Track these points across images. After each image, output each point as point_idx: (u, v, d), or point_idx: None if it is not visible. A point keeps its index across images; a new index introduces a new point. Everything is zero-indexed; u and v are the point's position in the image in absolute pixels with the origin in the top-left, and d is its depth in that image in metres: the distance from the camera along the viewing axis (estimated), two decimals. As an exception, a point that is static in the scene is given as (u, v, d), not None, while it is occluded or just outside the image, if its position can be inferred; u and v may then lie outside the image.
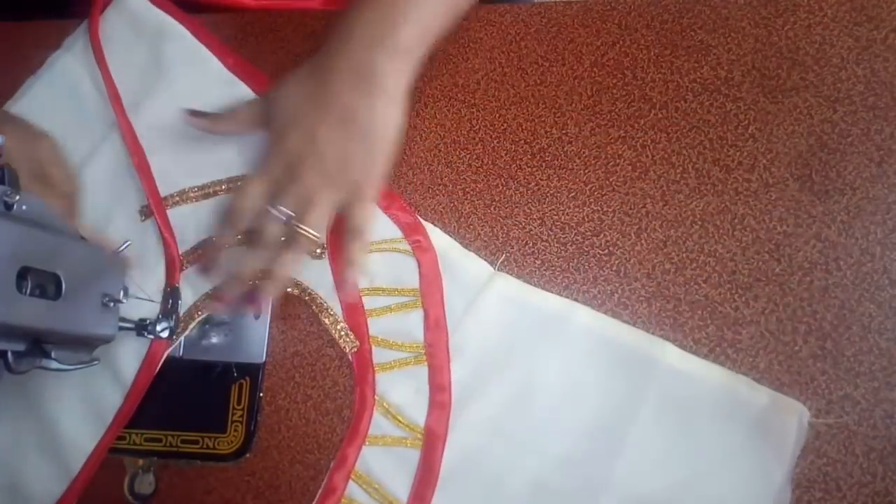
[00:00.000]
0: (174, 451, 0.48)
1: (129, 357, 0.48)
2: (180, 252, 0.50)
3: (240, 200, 0.47)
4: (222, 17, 0.57)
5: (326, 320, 0.47)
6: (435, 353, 0.46)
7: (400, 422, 0.45)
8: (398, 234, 0.49)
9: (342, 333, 0.47)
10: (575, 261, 0.48)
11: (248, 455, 0.47)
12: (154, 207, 0.50)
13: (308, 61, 0.48)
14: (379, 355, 0.47)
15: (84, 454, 0.47)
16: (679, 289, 0.46)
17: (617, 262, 0.48)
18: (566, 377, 0.45)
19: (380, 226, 0.49)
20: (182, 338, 0.49)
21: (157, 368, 0.48)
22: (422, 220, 0.49)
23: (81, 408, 0.48)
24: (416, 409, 0.45)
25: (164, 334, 0.47)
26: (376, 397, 0.46)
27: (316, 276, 0.48)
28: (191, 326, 0.48)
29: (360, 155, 0.45)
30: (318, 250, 0.48)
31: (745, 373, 0.44)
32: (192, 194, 0.51)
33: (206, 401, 0.48)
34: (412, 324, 0.47)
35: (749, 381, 0.43)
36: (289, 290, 0.48)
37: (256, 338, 0.49)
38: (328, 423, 0.47)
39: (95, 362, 0.46)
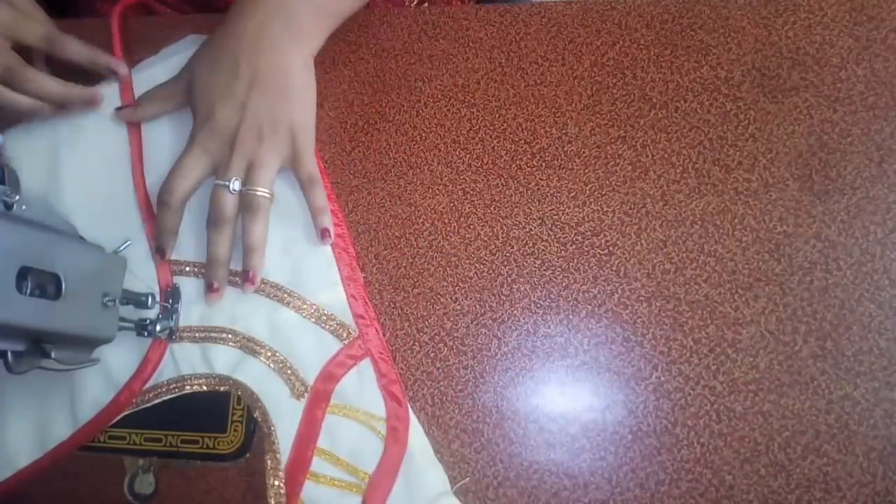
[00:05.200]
0: (174, 451, 0.48)
1: (88, 400, 0.48)
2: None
3: (178, 179, 0.48)
4: (222, 17, 0.57)
5: (269, 460, 0.45)
6: None
7: None
8: (382, 412, 0.46)
9: (275, 483, 0.45)
10: (575, 261, 0.48)
11: (248, 455, 0.47)
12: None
13: (211, 37, 0.51)
14: None
15: (13, 469, 0.47)
16: (679, 289, 0.46)
17: (617, 262, 0.47)
18: None
19: (370, 396, 0.47)
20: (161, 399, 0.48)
21: (111, 422, 0.47)
22: (410, 412, 0.46)
23: (32, 425, 0.48)
24: None
25: (164, 334, 0.47)
26: None
27: (287, 418, 0.46)
28: (156, 401, 0.47)
29: (289, 110, 0.48)
30: (304, 389, 0.46)
31: (744, 373, 0.45)
32: None
33: (206, 401, 0.48)
34: None
35: None
36: (255, 415, 0.46)
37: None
38: (328, 424, 0.47)
39: (95, 362, 0.46)
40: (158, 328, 0.47)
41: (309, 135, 0.49)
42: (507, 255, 0.48)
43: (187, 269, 0.49)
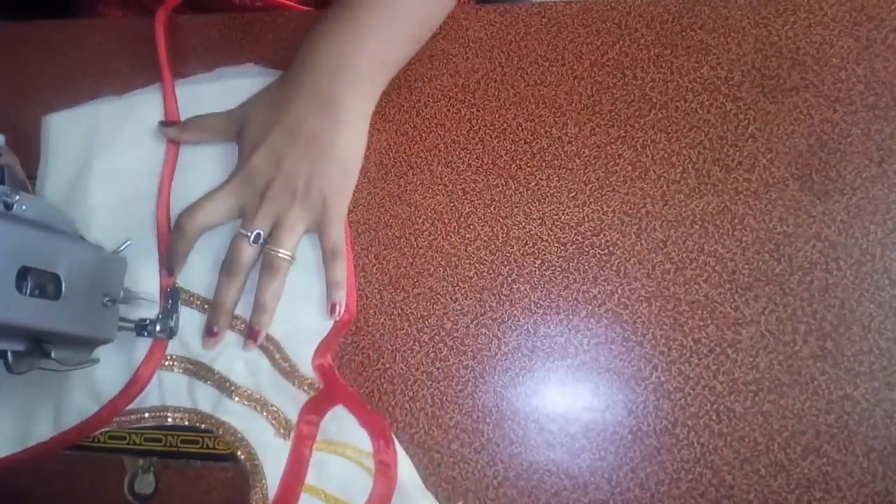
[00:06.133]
0: (174, 451, 0.48)
1: (72, 408, 0.47)
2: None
3: (201, 210, 0.47)
4: (222, 17, 0.57)
5: (255, 494, 0.45)
6: None
7: None
8: (368, 447, 0.46)
9: None
10: (575, 261, 0.48)
11: (248, 455, 0.47)
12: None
13: (275, 82, 0.50)
14: None
15: None
16: (679, 289, 0.46)
17: (617, 262, 0.47)
18: None
19: (353, 432, 0.46)
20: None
21: (92, 434, 0.47)
22: (397, 444, 0.46)
23: (16, 420, 0.48)
24: None
25: (164, 335, 0.47)
26: None
27: (274, 456, 0.46)
28: (138, 426, 0.47)
29: (326, 175, 0.47)
30: (289, 428, 0.46)
31: (744, 373, 0.44)
32: None
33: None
34: None
35: None
36: (238, 453, 0.46)
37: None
38: (328, 424, 0.47)
39: (95, 362, 0.46)
40: (158, 328, 0.47)
41: (341, 204, 0.48)
42: (507, 255, 0.48)
43: (190, 298, 0.49)
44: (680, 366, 0.45)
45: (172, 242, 0.48)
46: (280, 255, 0.46)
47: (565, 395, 0.46)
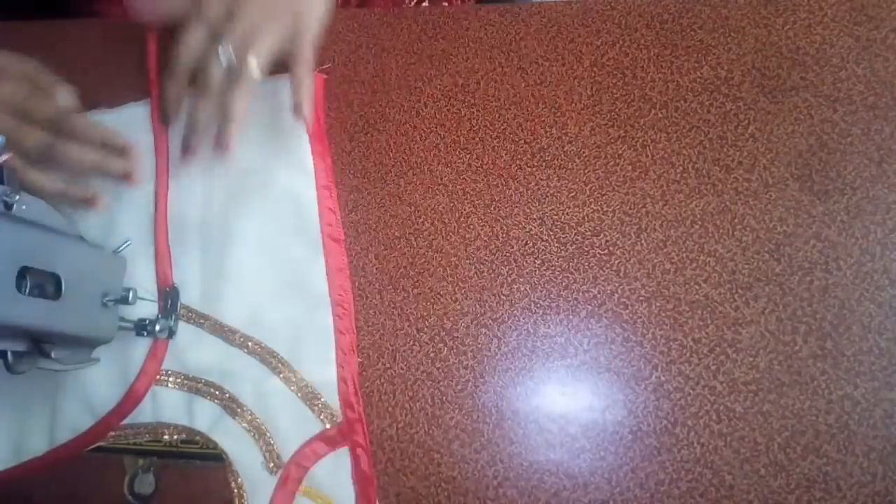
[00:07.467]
0: (174, 451, 0.48)
1: (66, 423, 0.47)
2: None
3: (182, 46, 0.48)
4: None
5: None
6: None
7: None
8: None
9: None
10: (575, 261, 0.48)
11: (248, 455, 0.47)
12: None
13: None
14: None
15: None
16: (679, 289, 0.46)
17: (617, 262, 0.48)
18: None
19: (341, 488, 0.45)
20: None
21: (87, 448, 0.47)
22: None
23: (10, 434, 0.48)
24: None
25: (164, 334, 0.47)
26: None
27: (260, 488, 0.45)
28: (133, 440, 0.47)
29: None
30: (278, 464, 0.46)
31: (744, 373, 0.45)
32: None
33: (205, 401, 0.48)
34: None
35: None
36: (228, 476, 0.45)
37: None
38: (328, 423, 0.47)
39: (95, 362, 0.46)
40: (158, 328, 0.47)
41: (314, 22, 0.48)
42: (507, 255, 0.48)
43: (188, 313, 0.49)
44: (680, 366, 0.45)
45: (164, 90, 0.49)
46: (248, 67, 0.46)
47: (565, 395, 0.46)
